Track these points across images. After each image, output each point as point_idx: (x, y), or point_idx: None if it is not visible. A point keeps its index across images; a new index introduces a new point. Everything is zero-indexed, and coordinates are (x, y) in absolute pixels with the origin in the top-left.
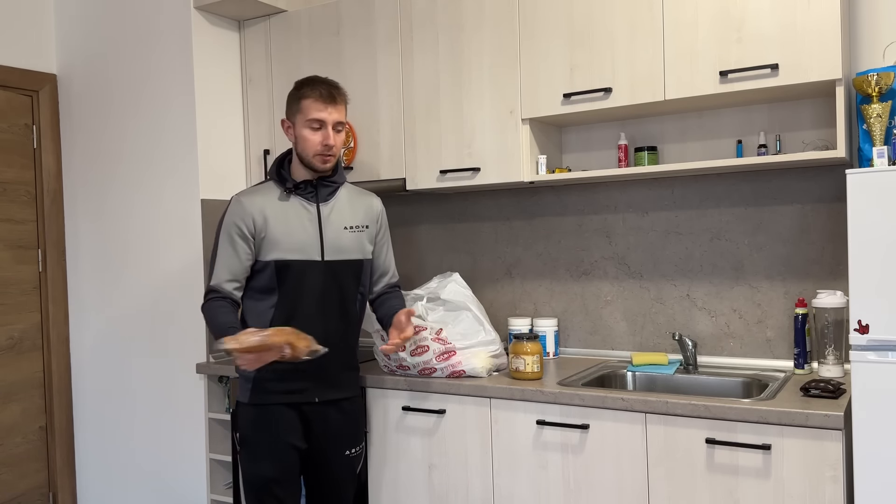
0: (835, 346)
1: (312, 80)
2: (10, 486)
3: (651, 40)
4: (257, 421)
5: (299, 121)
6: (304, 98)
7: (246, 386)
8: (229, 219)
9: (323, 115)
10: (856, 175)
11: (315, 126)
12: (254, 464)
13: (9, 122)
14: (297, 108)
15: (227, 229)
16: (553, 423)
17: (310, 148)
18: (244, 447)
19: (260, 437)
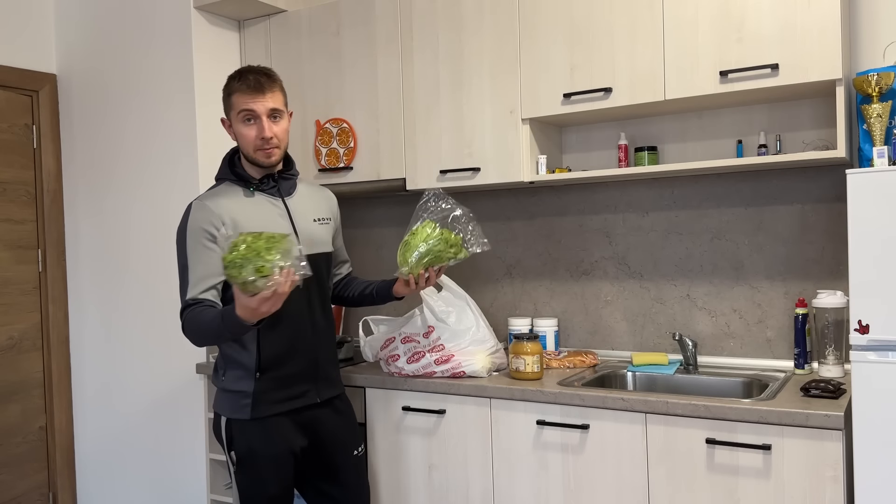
0: (835, 346)
1: (241, 70)
2: (10, 486)
3: (651, 40)
4: (261, 437)
5: (233, 116)
6: (233, 92)
7: (243, 401)
8: (195, 225)
9: (253, 106)
10: (856, 175)
11: (248, 119)
12: (257, 483)
13: (9, 122)
14: (230, 104)
15: (195, 236)
16: (553, 424)
17: (248, 143)
18: (244, 466)
19: (266, 453)
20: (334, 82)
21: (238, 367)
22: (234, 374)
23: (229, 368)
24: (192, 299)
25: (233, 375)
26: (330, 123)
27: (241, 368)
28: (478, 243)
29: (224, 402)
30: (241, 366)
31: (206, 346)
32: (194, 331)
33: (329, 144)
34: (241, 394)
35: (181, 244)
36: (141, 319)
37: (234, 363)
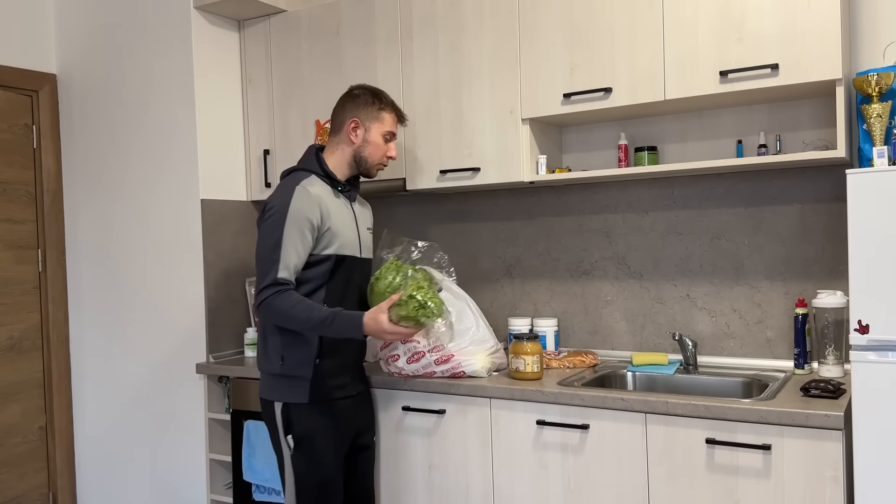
0: (835, 346)
1: (385, 94)
2: (10, 486)
3: (651, 40)
4: (319, 419)
5: (375, 127)
6: (384, 110)
7: (301, 385)
8: (299, 209)
9: (395, 131)
10: (856, 175)
11: (387, 138)
12: (313, 466)
13: (9, 122)
14: (376, 116)
15: (297, 220)
16: (553, 423)
17: (377, 155)
18: (302, 449)
19: (323, 435)
20: (334, 82)
21: (301, 352)
22: (295, 360)
23: (290, 354)
24: (283, 280)
25: (293, 361)
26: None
27: (303, 354)
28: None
29: (281, 387)
30: (303, 351)
31: (287, 327)
32: (286, 312)
33: None
34: (300, 378)
35: (279, 221)
36: (141, 319)
37: (297, 349)
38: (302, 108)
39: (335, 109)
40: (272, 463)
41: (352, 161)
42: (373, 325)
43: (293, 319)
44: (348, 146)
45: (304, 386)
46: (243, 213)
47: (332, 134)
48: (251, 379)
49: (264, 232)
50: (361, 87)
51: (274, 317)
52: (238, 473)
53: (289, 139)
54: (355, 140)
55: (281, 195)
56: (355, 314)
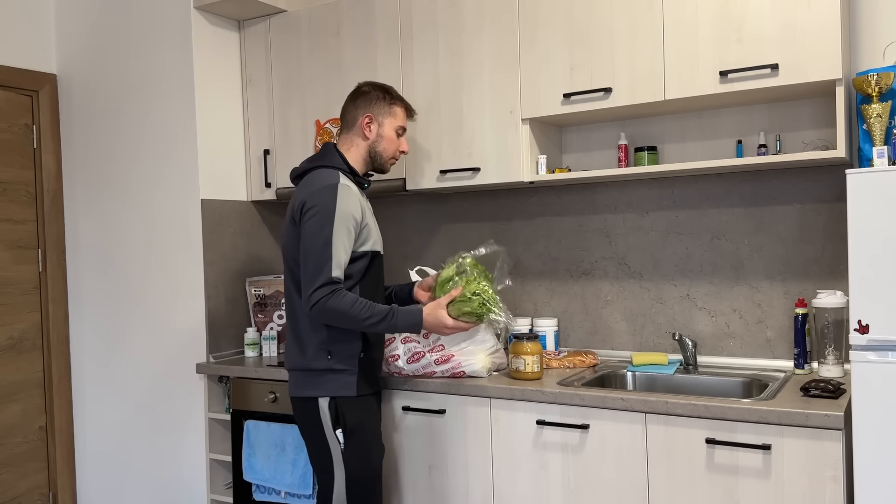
0: (835, 346)
1: (394, 89)
2: (10, 486)
3: (651, 40)
4: (368, 412)
5: (388, 122)
6: (395, 104)
7: (348, 379)
8: (346, 206)
9: (407, 126)
10: (856, 175)
11: (400, 133)
12: (365, 458)
13: (9, 122)
14: (389, 111)
15: (345, 218)
16: (553, 423)
17: (391, 149)
18: (354, 439)
19: (372, 425)
20: (334, 82)
21: (347, 347)
22: (343, 354)
23: (337, 349)
24: (337, 279)
25: (341, 355)
26: (330, 123)
27: (350, 348)
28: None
29: (328, 381)
30: (350, 346)
31: (342, 326)
32: (346, 312)
33: None
34: (347, 372)
35: (327, 219)
36: (141, 319)
37: (344, 343)
38: (302, 108)
39: (346, 107)
40: (272, 463)
41: (367, 156)
42: (433, 320)
43: (353, 319)
44: (363, 141)
45: (352, 380)
46: (243, 213)
47: (343, 131)
48: (251, 379)
49: (311, 230)
50: (369, 84)
51: (330, 317)
52: (238, 473)
53: (289, 139)
54: (370, 135)
55: (324, 193)
56: (414, 310)
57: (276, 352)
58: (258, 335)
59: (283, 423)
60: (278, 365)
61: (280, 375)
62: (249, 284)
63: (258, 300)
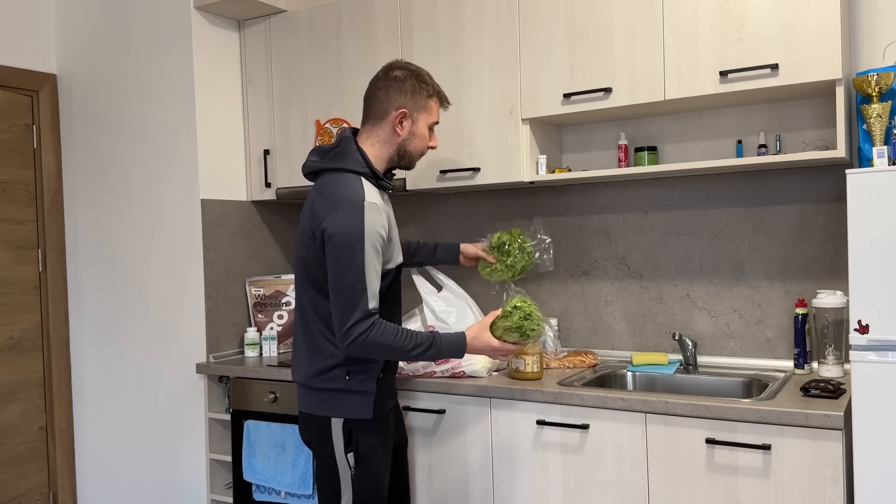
0: (835, 346)
1: (428, 74)
2: (10, 486)
3: (651, 40)
4: (379, 435)
5: (423, 118)
6: (432, 97)
7: (366, 401)
8: (373, 229)
9: (440, 120)
10: (856, 175)
11: (432, 128)
12: (373, 483)
13: (9, 122)
14: (425, 105)
15: (373, 241)
16: (553, 423)
17: (422, 146)
18: (364, 465)
19: (383, 451)
20: (334, 82)
21: (367, 368)
22: (362, 376)
23: (355, 370)
24: (374, 310)
25: (359, 377)
26: (330, 123)
27: (369, 370)
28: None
29: (344, 402)
30: (370, 367)
31: (384, 358)
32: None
33: None
34: (364, 394)
35: (357, 246)
36: (141, 319)
37: (364, 364)
38: (302, 108)
39: (374, 93)
40: (272, 463)
41: (394, 155)
42: (478, 344)
43: (396, 350)
44: (392, 138)
45: (369, 402)
46: (243, 213)
47: (368, 122)
48: (251, 379)
49: (341, 259)
50: (403, 68)
51: (370, 350)
52: (238, 473)
53: (289, 139)
54: (401, 132)
55: (349, 216)
56: (458, 335)
57: (276, 352)
58: (258, 335)
59: (284, 423)
60: (279, 365)
61: (280, 376)
62: (249, 284)
63: (258, 300)
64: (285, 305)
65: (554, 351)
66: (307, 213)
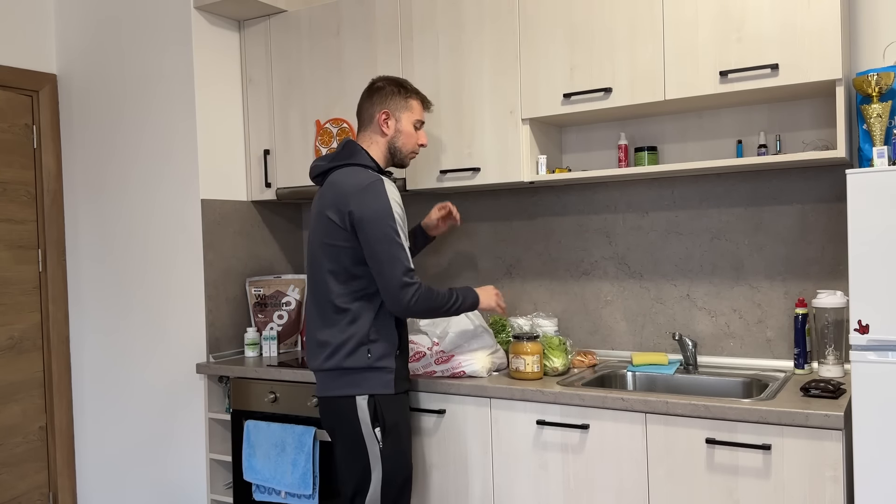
0: (835, 346)
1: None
2: (10, 486)
3: (651, 40)
4: (402, 409)
5: (406, 117)
6: (411, 98)
7: (387, 377)
8: (394, 202)
9: (425, 119)
10: (856, 175)
11: (418, 126)
12: (401, 456)
13: (9, 122)
14: (406, 105)
15: (398, 213)
16: (553, 423)
17: (411, 143)
18: (392, 439)
19: (406, 425)
20: (334, 82)
21: (386, 345)
22: (381, 352)
23: (376, 348)
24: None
25: (379, 352)
26: (330, 123)
27: (388, 346)
28: None
29: (368, 380)
30: (388, 343)
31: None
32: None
33: (329, 144)
34: (386, 370)
35: (388, 218)
36: (141, 319)
37: (383, 342)
38: (302, 108)
39: (362, 104)
40: (272, 463)
41: (387, 153)
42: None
43: (440, 307)
44: (382, 137)
45: (390, 377)
46: (243, 213)
47: (361, 129)
48: (251, 379)
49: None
50: (383, 79)
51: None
52: (238, 473)
53: (289, 139)
54: (388, 131)
55: (372, 193)
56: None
57: (276, 352)
58: (258, 335)
59: (284, 423)
60: (279, 365)
61: (280, 376)
62: (249, 284)
63: (258, 300)
64: (285, 305)
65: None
66: (327, 203)
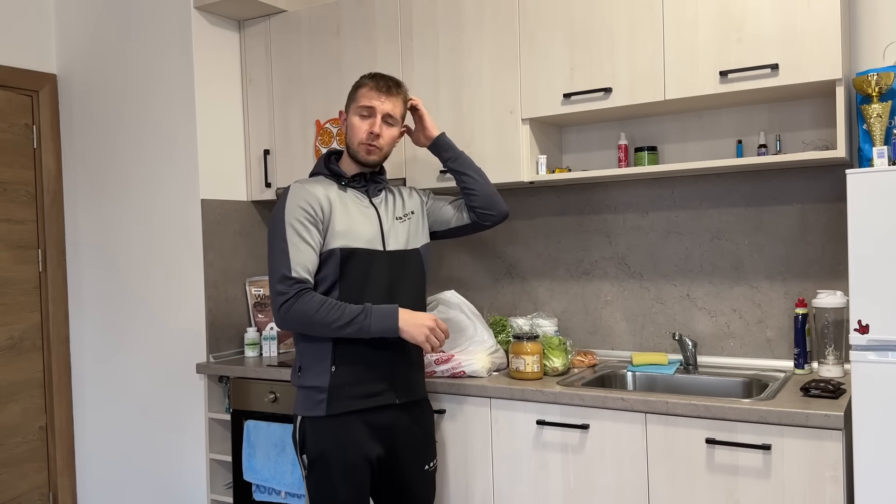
0: (835, 346)
1: (376, 73)
2: (10, 486)
3: (651, 40)
4: (335, 436)
5: (351, 109)
6: (360, 87)
7: (317, 397)
8: (294, 204)
9: (374, 103)
10: (856, 175)
11: (364, 114)
12: (327, 489)
13: (9, 122)
14: (353, 97)
15: (294, 215)
16: (553, 423)
17: (355, 136)
18: (317, 469)
19: (339, 454)
20: (334, 82)
21: (315, 360)
22: (311, 369)
23: (305, 363)
24: (299, 279)
25: (310, 371)
26: (330, 123)
27: (317, 362)
28: None
29: (301, 399)
30: (318, 359)
31: (311, 333)
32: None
33: (329, 144)
34: (316, 389)
35: (279, 224)
36: (141, 319)
37: (311, 356)
38: (302, 108)
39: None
40: (272, 463)
41: (350, 156)
42: (409, 317)
43: (319, 323)
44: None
45: (321, 397)
46: (243, 213)
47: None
48: (251, 379)
49: (270, 240)
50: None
51: (297, 321)
52: (238, 473)
53: (289, 139)
54: (344, 130)
55: (279, 202)
56: (390, 306)
57: (276, 352)
58: (258, 335)
59: (284, 423)
60: (279, 365)
61: (280, 376)
62: (249, 284)
63: (258, 300)
64: None
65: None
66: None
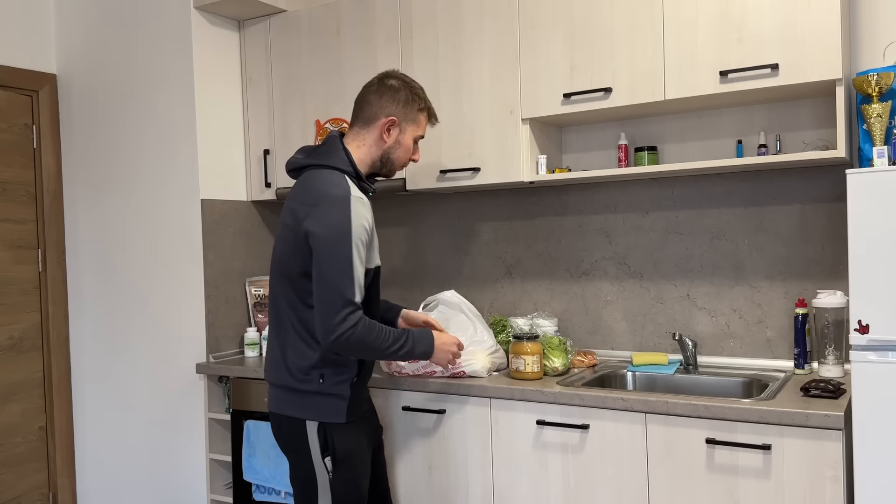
0: (835, 346)
1: (422, 89)
2: (10, 486)
3: (651, 40)
4: (357, 438)
5: (411, 130)
6: (423, 112)
7: (339, 405)
8: (359, 222)
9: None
10: (856, 175)
11: (419, 140)
12: (352, 485)
13: (9, 122)
14: (414, 118)
15: (360, 235)
16: (553, 423)
17: (404, 157)
18: (343, 469)
19: (362, 454)
20: (334, 82)
21: (342, 371)
22: (337, 378)
23: (329, 373)
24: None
25: (334, 380)
26: (330, 123)
27: (344, 373)
28: None
29: (318, 405)
30: (345, 370)
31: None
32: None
33: None
34: (338, 397)
35: (345, 236)
36: (141, 319)
37: (339, 367)
38: (302, 108)
39: (367, 97)
40: (272, 463)
41: (377, 160)
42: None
43: (375, 349)
44: (378, 144)
45: (343, 405)
46: (243, 213)
47: (356, 124)
48: (251, 379)
49: (327, 254)
50: (399, 79)
51: (353, 347)
52: (238, 473)
53: (289, 139)
54: (387, 140)
55: (336, 209)
56: (425, 332)
57: None
58: (258, 335)
59: None
60: None
61: None
62: (249, 284)
63: (258, 300)
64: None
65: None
66: (289, 208)
